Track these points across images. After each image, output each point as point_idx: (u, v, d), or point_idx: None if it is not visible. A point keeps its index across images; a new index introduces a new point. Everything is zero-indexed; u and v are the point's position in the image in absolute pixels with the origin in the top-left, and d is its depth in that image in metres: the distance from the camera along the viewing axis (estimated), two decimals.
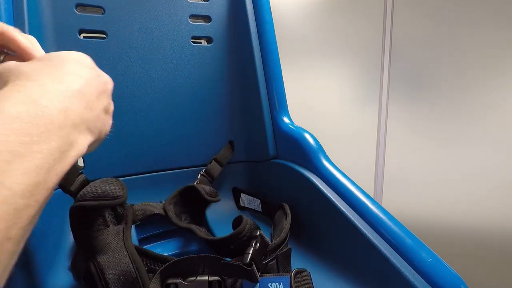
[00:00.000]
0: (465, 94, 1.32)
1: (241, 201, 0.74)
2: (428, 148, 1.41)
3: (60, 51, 0.31)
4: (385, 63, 1.42)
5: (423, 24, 1.36)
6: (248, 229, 0.47)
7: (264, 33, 0.75)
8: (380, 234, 0.49)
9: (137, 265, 0.39)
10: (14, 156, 0.21)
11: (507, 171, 1.28)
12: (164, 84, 0.68)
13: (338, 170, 0.61)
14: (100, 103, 0.32)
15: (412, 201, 1.45)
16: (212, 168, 0.71)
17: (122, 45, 0.65)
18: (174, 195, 0.58)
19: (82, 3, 0.62)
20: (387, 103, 1.45)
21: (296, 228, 0.58)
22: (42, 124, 0.24)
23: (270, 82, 0.74)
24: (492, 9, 1.24)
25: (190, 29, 0.71)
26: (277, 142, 0.74)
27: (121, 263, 0.39)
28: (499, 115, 1.27)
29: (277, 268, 0.47)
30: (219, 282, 0.42)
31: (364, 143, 1.50)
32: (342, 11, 1.44)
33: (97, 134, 0.31)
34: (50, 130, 0.24)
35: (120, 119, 0.65)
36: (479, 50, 1.28)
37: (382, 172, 1.49)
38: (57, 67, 0.29)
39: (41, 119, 0.24)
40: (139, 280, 0.39)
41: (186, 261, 0.43)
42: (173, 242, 0.59)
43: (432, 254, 0.44)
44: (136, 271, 0.39)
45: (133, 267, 0.39)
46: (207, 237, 0.51)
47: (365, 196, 0.55)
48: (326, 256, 0.56)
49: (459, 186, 1.36)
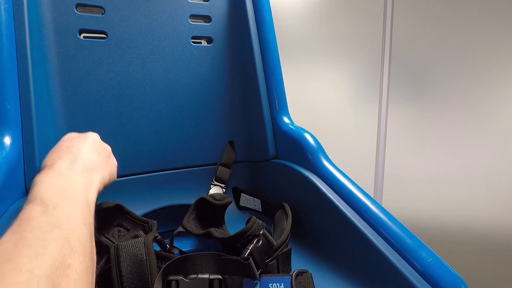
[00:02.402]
0: (465, 94, 1.32)
1: (241, 201, 0.74)
2: (428, 147, 1.41)
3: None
4: (385, 63, 1.42)
5: (423, 24, 1.36)
6: (255, 228, 0.47)
7: (264, 33, 0.75)
8: (380, 234, 0.49)
9: (151, 268, 0.41)
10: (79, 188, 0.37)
11: (507, 171, 1.28)
12: (164, 84, 0.68)
13: (338, 170, 0.61)
14: (102, 150, 0.46)
15: (412, 200, 1.45)
16: (221, 173, 0.73)
17: (122, 45, 0.65)
18: (190, 212, 0.59)
19: (82, 3, 0.62)
20: (387, 103, 1.45)
21: (296, 228, 0.58)
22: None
23: (270, 82, 0.74)
24: (493, 9, 1.24)
25: (190, 29, 0.71)
26: (277, 142, 0.74)
27: (137, 254, 0.41)
28: (499, 115, 1.27)
29: (277, 268, 0.48)
30: (219, 280, 0.42)
31: (364, 142, 1.50)
32: (343, 11, 1.44)
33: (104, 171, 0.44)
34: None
35: (120, 119, 0.65)
36: (479, 50, 1.28)
37: (382, 171, 1.49)
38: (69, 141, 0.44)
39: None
40: (147, 271, 0.40)
41: (188, 259, 0.43)
42: (184, 241, 0.60)
43: (432, 254, 0.44)
44: (147, 261, 0.41)
45: (146, 260, 0.41)
46: (218, 235, 0.51)
47: (365, 196, 0.55)
48: (326, 256, 0.56)
49: (459, 185, 1.36)
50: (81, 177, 0.38)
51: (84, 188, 0.37)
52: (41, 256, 0.26)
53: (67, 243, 0.29)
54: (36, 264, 0.25)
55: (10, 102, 0.50)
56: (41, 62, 0.56)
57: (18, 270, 0.24)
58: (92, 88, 0.62)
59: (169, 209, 0.68)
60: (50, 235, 0.29)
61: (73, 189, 0.35)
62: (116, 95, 0.64)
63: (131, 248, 0.41)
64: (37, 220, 0.30)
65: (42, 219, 0.30)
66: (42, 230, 0.29)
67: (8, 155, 0.48)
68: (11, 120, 0.50)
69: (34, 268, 0.25)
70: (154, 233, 0.48)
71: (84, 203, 0.35)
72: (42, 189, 0.34)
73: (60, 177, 0.36)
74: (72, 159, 0.39)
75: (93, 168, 0.41)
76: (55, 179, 0.36)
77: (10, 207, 0.46)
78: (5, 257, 0.25)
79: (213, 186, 0.72)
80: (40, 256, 0.26)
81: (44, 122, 0.55)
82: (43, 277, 0.25)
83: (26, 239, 0.27)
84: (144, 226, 0.51)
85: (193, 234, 0.55)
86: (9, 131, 0.50)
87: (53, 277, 0.25)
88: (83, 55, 0.61)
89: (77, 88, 0.61)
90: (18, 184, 0.50)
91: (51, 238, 0.28)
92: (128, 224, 0.51)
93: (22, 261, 0.25)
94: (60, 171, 0.37)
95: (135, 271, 0.40)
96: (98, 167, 0.43)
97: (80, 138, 0.45)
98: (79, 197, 0.35)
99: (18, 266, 0.25)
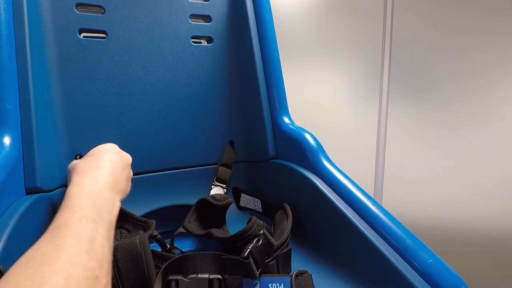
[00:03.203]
0: (465, 94, 1.32)
1: (241, 201, 0.74)
2: (428, 147, 1.41)
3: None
4: (385, 63, 1.42)
5: (423, 24, 1.36)
6: (255, 228, 0.47)
7: (264, 32, 0.75)
8: (380, 235, 0.48)
9: (147, 260, 0.41)
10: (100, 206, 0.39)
11: (507, 170, 1.28)
12: (164, 83, 0.68)
13: (338, 171, 0.61)
14: (123, 174, 0.49)
15: (412, 200, 1.45)
16: (221, 173, 0.73)
17: (122, 45, 0.65)
18: (192, 213, 0.59)
19: (82, 3, 0.61)
20: (387, 103, 1.45)
21: (296, 229, 0.58)
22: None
23: (270, 81, 0.74)
24: (493, 10, 1.24)
25: (190, 29, 0.71)
26: (277, 142, 0.73)
27: (134, 250, 0.41)
28: (499, 115, 1.27)
29: (277, 269, 0.48)
30: (219, 280, 0.42)
31: (364, 142, 1.50)
32: (343, 11, 1.44)
33: (123, 192, 0.48)
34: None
35: (120, 119, 0.64)
36: (479, 50, 1.28)
37: (382, 171, 1.49)
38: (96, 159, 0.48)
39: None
40: (143, 263, 0.40)
41: (187, 258, 0.43)
42: (185, 241, 0.60)
43: (432, 255, 0.44)
44: (142, 254, 0.41)
45: (143, 261, 0.41)
46: (219, 235, 0.51)
47: (365, 196, 0.55)
48: (326, 256, 0.56)
49: (459, 185, 1.36)
50: (112, 195, 0.42)
51: (112, 206, 0.41)
52: (76, 265, 0.29)
53: (95, 256, 0.32)
54: (72, 272, 0.28)
55: (9, 102, 0.50)
56: (40, 62, 0.56)
57: (57, 274, 0.27)
58: (92, 88, 0.62)
59: (170, 209, 0.68)
60: (83, 245, 0.32)
61: (105, 205, 0.39)
62: (116, 94, 0.64)
63: (127, 246, 0.41)
64: (74, 228, 0.33)
65: (78, 228, 0.33)
66: (76, 239, 0.32)
67: (8, 155, 0.48)
68: (11, 120, 0.50)
69: (70, 276, 0.28)
70: (152, 231, 0.49)
71: (109, 222, 0.38)
72: (81, 196, 0.38)
73: (98, 189, 0.41)
74: (109, 174, 0.44)
75: (120, 189, 0.46)
76: (93, 189, 0.40)
77: (11, 206, 0.45)
78: (45, 260, 0.28)
79: (214, 186, 0.72)
80: (75, 265, 0.29)
81: (44, 122, 0.55)
82: (76, 285, 0.28)
83: (63, 245, 0.30)
84: (144, 226, 0.51)
85: (194, 234, 0.55)
86: (8, 131, 0.49)
87: (84, 286, 0.28)
88: (83, 54, 0.61)
89: (76, 88, 0.61)
90: (18, 184, 0.50)
91: (84, 248, 0.31)
92: (129, 225, 0.51)
93: (60, 266, 0.28)
94: (98, 183, 0.42)
95: (132, 265, 0.40)
96: (123, 190, 0.48)
97: (119, 155, 0.51)
98: (108, 215, 0.39)
99: (57, 271, 0.27)
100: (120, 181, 0.47)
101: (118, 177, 0.46)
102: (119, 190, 0.46)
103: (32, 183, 0.52)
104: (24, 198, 0.49)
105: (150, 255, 0.41)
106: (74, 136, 0.60)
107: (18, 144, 0.51)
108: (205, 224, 0.59)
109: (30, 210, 0.47)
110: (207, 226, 0.58)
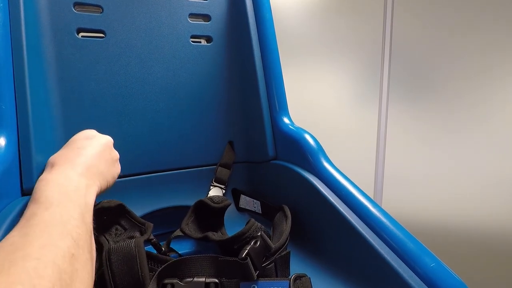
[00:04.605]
0: (465, 94, 1.32)
1: (240, 203, 0.73)
2: (428, 147, 1.41)
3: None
4: (385, 63, 1.42)
5: (423, 24, 1.36)
6: (253, 230, 0.47)
7: (264, 32, 0.74)
8: (381, 238, 0.48)
9: (141, 262, 0.41)
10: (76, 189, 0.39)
11: (507, 170, 1.28)
12: (163, 83, 0.68)
13: (338, 172, 0.61)
14: (102, 157, 0.48)
15: (412, 200, 1.45)
16: (220, 174, 0.72)
17: (121, 45, 0.64)
18: (189, 215, 0.58)
19: (80, 2, 0.61)
20: (387, 103, 1.44)
21: (295, 231, 0.57)
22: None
23: (270, 81, 0.74)
24: (493, 10, 1.24)
25: (190, 28, 0.70)
26: (277, 143, 0.73)
27: (128, 254, 0.41)
28: (500, 115, 1.27)
29: (275, 272, 0.47)
30: (216, 284, 0.42)
31: (364, 142, 1.50)
32: (343, 11, 1.43)
33: (103, 176, 0.46)
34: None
35: (118, 119, 0.64)
36: (479, 51, 1.28)
37: (382, 171, 1.49)
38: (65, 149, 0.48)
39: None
40: (137, 266, 0.40)
41: (183, 262, 0.43)
42: (183, 243, 0.59)
43: (435, 259, 0.43)
44: (137, 257, 0.41)
45: (137, 265, 0.41)
46: (216, 238, 0.51)
47: (366, 198, 0.54)
48: (326, 259, 0.55)
49: (459, 185, 1.36)
50: (83, 181, 0.41)
51: (84, 191, 0.40)
52: (47, 246, 0.29)
53: (69, 236, 0.32)
54: (43, 253, 0.28)
55: (5, 102, 0.50)
56: (38, 62, 0.55)
57: (27, 257, 0.27)
58: (90, 88, 0.61)
59: (168, 211, 0.67)
60: (54, 229, 0.31)
61: (75, 191, 0.39)
62: (114, 94, 0.63)
63: (122, 249, 0.41)
64: (42, 216, 0.33)
65: (46, 215, 0.33)
66: (46, 224, 0.32)
67: (3, 156, 0.47)
68: (6, 121, 0.50)
69: (41, 256, 0.28)
70: (149, 234, 0.48)
71: (83, 205, 0.38)
72: (47, 189, 0.37)
73: (65, 179, 0.40)
74: (79, 162, 0.43)
75: (96, 173, 0.45)
76: (60, 180, 0.39)
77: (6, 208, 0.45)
78: (14, 248, 0.28)
79: (213, 187, 0.71)
80: (46, 246, 0.29)
81: (41, 122, 0.54)
82: (49, 262, 0.28)
83: (32, 232, 0.30)
84: (141, 227, 0.51)
85: (191, 237, 0.55)
86: (4, 132, 0.49)
87: (59, 263, 0.28)
88: (81, 54, 0.60)
89: (74, 87, 0.60)
90: (14, 185, 0.49)
91: (55, 231, 0.31)
92: (127, 223, 0.51)
93: (30, 250, 0.28)
94: (66, 173, 0.41)
95: (126, 268, 0.40)
96: (101, 173, 0.46)
97: (93, 141, 0.49)
98: (79, 199, 0.38)
99: (27, 254, 0.27)
100: (96, 165, 0.46)
101: (93, 162, 0.45)
102: (95, 174, 0.44)
103: (29, 184, 0.51)
104: (20, 199, 0.48)
105: (145, 259, 0.41)
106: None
107: (14, 144, 0.50)
108: (202, 227, 0.58)
109: None
110: (204, 229, 0.57)
